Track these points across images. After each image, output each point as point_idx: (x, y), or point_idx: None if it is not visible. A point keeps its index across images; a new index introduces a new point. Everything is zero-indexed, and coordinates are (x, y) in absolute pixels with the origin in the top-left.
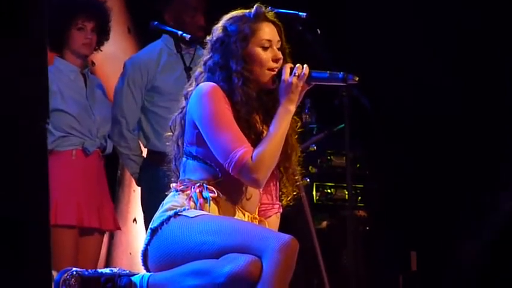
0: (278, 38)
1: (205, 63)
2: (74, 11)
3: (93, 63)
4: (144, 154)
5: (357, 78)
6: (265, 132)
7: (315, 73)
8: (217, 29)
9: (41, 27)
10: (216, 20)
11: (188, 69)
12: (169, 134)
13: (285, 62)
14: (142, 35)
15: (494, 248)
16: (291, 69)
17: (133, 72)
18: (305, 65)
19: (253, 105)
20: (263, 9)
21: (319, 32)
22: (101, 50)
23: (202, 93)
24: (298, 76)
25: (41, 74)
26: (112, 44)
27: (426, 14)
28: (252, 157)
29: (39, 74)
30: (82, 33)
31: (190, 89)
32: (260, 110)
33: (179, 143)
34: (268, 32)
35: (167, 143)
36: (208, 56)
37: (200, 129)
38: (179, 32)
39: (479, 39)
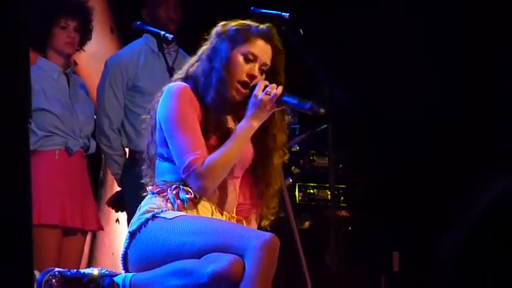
0: (267, 62)
1: (203, 53)
2: (56, 10)
3: (75, 63)
4: (126, 155)
5: (322, 111)
6: None
7: (286, 97)
8: (222, 24)
9: (22, 26)
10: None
11: (171, 70)
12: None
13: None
14: (125, 34)
15: (475, 246)
16: (266, 86)
17: (114, 70)
18: (280, 86)
19: (227, 107)
20: (271, 31)
21: (302, 32)
22: (83, 50)
23: (169, 94)
24: (270, 95)
25: (23, 73)
26: (95, 44)
27: (426, 12)
28: (202, 163)
29: (21, 73)
30: (64, 32)
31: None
32: (233, 114)
33: (153, 144)
34: (259, 48)
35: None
36: (206, 47)
37: (163, 130)
38: (162, 32)
39: (479, 39)
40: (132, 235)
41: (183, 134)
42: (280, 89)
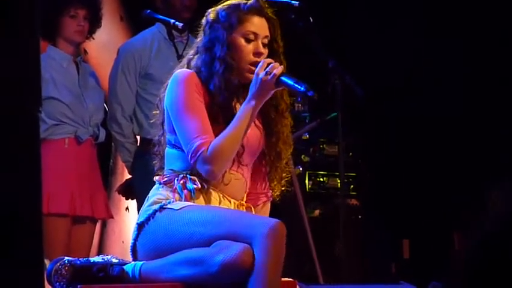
0: (267, 34)
1: (197, 45)
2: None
3: (86, 52)
4: (137, 143)
5: (316, 96)
6: None
7: (284, 77)
8: (211, 12)
9: (33, 14)
10: (212, 4)
11: (181, 58)
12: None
13: (278, 61)
14: (135, 23)
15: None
16: (268, 65)
17: (126, 58)
18: (280, 66)
19: (233, 92)
20: (260, 3)
21: (311, 20)
22: (93, 38)
23: (175, 81)
24: (269, 74)
25: (34, 61)
26: (105, 33)
27: (428, 9)
28: (208, 148)
29: (31, 62)
30: (74, 21)
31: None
32: (241, 99)
33: (163, 138)
34: (256, 25)
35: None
36: (200, 38)
37: (170, 117)
38: (172, 21)
39: (480, 38)
40: (140, 227)
41: (190, 119)
42: (280, 69)
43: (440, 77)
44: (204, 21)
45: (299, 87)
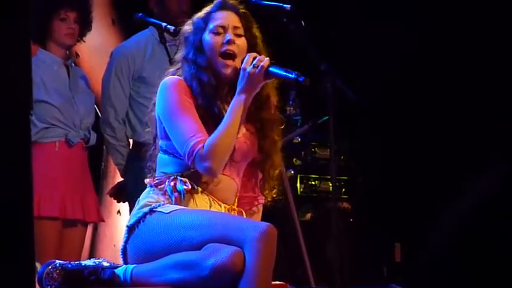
0: (236, 25)
1: (179, 57)
2: (56, 2)
3: (77, 55)
4: (130, 146)
5: (308, 81)
6: None
7: (273, 67)
8: (187, 23)
9: (24, 17)
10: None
11: (173, 62)
12: (148, 129)
13: (257, 51)
14: (127, 26)
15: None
16: (254, 58)
17: (120, 61)
18: (266, 58)
19: (213, 93)
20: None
21: (303, 24)
22: (84, 41)
23: (163, 88)
24: (257, 67)
25: (25, 65)
26: (97, 36)
27: (422, 12)
28: (204, 146)
29: (22, 65)
30: (64, 24)
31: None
32: (225, 99)
33: (155, 138)
34: (222, 18)
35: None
36: (182, 48)
37: (162, 122)
38: (164, 24)
39: (479, 44)
40: (130, 229)
41: (182, 121)
42: (267, 61)
43: (434, 81)
44: (181, 33)
45: (290, 75)
